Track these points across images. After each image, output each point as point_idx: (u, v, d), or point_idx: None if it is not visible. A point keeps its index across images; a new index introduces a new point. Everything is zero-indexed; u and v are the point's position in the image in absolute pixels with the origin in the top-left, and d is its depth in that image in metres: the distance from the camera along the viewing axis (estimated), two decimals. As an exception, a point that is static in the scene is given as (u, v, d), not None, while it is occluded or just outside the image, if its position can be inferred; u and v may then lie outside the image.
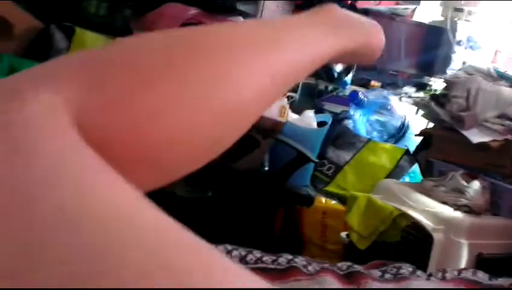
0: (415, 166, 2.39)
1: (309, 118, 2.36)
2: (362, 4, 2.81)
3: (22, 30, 2.12)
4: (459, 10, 3.01)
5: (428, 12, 3.17)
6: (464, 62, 2.82)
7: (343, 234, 1.91)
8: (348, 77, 2.81)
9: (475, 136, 1.82)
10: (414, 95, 3.00)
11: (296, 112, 2.40)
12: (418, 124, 2.56)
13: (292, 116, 2.29)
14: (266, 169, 1.99)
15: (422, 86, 3.10)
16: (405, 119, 2.80)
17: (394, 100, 2.87)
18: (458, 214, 1.62)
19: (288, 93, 2.67)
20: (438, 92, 2.19)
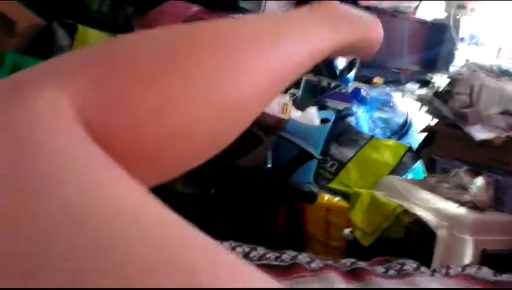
0: (418, 163, 2.38)
1: (312, 115, 2.36)
2: (364, 3, 2.80)
3: (25, 27, 2.12)
4: (462, 7, 3.00)
5: (431, 9, 3.16)
6: (467, 59, 2.81)
7: (346, 231, 1.91)
8: (351, 74, 2.80)
9: (478, 132, 1.82)
10: (417, 92, 2.99)
11: (299, 109, 2.40)
12: (421, 121, 2.55)
13: (295, 113, 2.29)
14: (269, 166, 1.98)
15: (425, 83, 3.09)
16: (408, 116, 2.79)
17: (397, 97, 2.87)
18: (462, 211, 1.61)
19: (290, 90, 2.67)
20: (441, 89, 2.19)
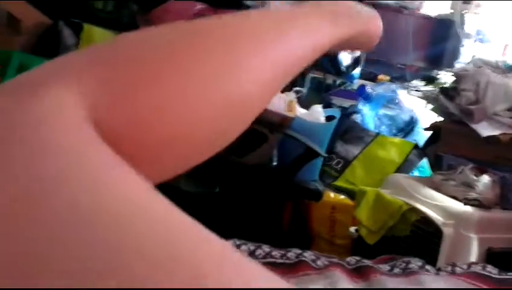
0: (424, 160, 2.38)
1: (317, 113, 2.35)
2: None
3: (30, 26, 2.13)
4: (468, 3, 2.99)
5: (436, 5, 3.15)
6: (473, 55, 2.80)
7: (352, 229, 1.91)
8: (356, 71, 2.79)
9: (484, 129, 1.81)
10: (423, 89, 2.98)
11: (304, 107, 2.39)
12: (427, 118, 2.54)
13: (300, 110, 2.28)
14: (274, 164, 1.98)
15: (430, 80, 3.08)
16: (414, 113, 2.78)
17: (402, 94, 2.86)
18: (468, 208, 1.61)
19: (296, 88, 2.67)
20: (447, 86, 2.18)
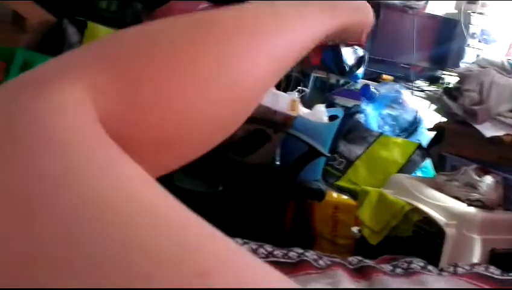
0: (428, 160, 2.37)
1: (320, 112, 2.35)
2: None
3: (35, 24, 2.14)
4: (473, 3, 2.98)
5: (441, 4, 3.14)
6: (478, 55, 2.79)
7: (354, 229, 1.91)
8: (360, 71, 2.79)
9: (488, 130, 1.81)
10: (426, 89, 2.98)
11: (307, 106, 2.39)
12: (431, 118, 2.54)
13: (303, 110, 2.28)
14: (277, 163, 1.98)
15: (434, 80, 3.07)
16: (417, 113, 2.78)
17: (406, 94, 2.85)
18: (471, 209, 1.60)
19: (299, 87, 2.67)
20: (451, 86, 2.17)
